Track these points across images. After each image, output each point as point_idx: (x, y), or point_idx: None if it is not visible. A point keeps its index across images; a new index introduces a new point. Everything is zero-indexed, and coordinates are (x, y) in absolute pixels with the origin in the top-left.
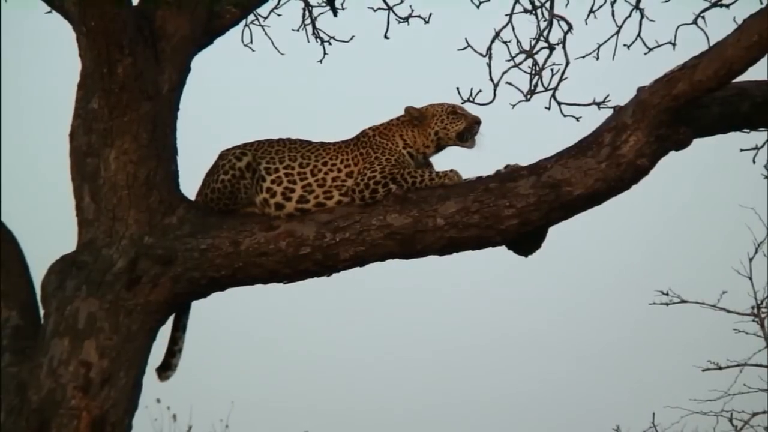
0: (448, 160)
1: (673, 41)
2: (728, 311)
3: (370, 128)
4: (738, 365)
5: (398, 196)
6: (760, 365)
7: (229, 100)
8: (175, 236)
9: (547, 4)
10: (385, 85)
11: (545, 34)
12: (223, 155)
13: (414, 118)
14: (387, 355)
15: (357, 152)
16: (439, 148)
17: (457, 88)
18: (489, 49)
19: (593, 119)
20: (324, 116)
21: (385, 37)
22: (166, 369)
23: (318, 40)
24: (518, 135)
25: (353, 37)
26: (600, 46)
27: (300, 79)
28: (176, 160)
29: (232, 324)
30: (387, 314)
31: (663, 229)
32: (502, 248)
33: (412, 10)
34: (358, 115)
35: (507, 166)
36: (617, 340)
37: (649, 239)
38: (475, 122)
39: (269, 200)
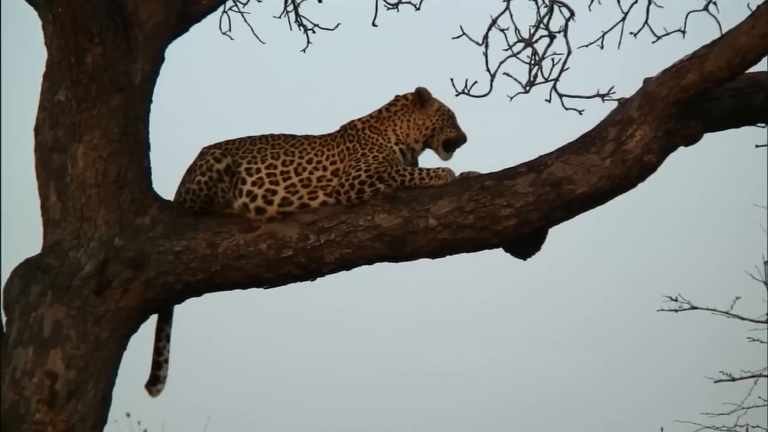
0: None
1: (682, 29)
2: (742, 318)
3: (359, 120)
4: (752, 376)
5: (387, 195)
6: None
7: (206, 92)
8: (148, 238)
9: None
10: (372, 77)
11: (545, 21)
12: (202, 154)
13: (422, 100)
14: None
15: (343, 146)
16: (425, 147)
17: (451, 79)
18: (485, 37)
19: (597, 112)
20: (308, 109)
21: (373, 24)
22: (155, 383)
23: (301, 27)
24: (516, 129)
25: (339, 24)
26: (604, 34)
27: (282, 70)
28: (149, 157)
29: (208, 334)
30: (373, 324)
31: (671, 229)
32: (499, 251)
33: None
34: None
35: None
36: (622, 350)
37: (656, 241)
38: (463, 139)
39: (249, 205)
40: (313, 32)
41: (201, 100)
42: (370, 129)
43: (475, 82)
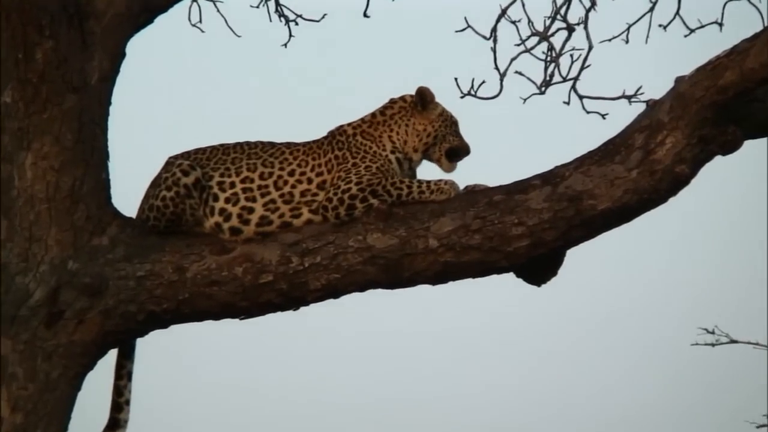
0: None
1: (719, 20)
2: None
3: (349, 125)
4: None
5: (381, 212)
6: None
7: (174, 93)
8: (106, 261)
9: None
10: (364, 75)
11: (563, 11)
12: (168, 164)
13: (424, 103)
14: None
15: (331, 155)
16: (425, 156)
17: (455, 79)
18: (494, 30)
19: (622, 116)
20: (290, 112)
21: (365, 15)
22: (114, 428)
23: (282, 19)
24: (530, 136)
25: (325, 15)
26: (630, 26)
27: (261, 67)
28: (108, 167)
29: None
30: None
31: (705, 251)
32: (510, 275)
33: None
34: (332, 110)
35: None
36: (652, 389)
37: (689, 264)
38: (467, 150)
39: (222, 224)
40: (296, 24)
41: (168, 102)
42: (363, 135)
43: (483, 82)
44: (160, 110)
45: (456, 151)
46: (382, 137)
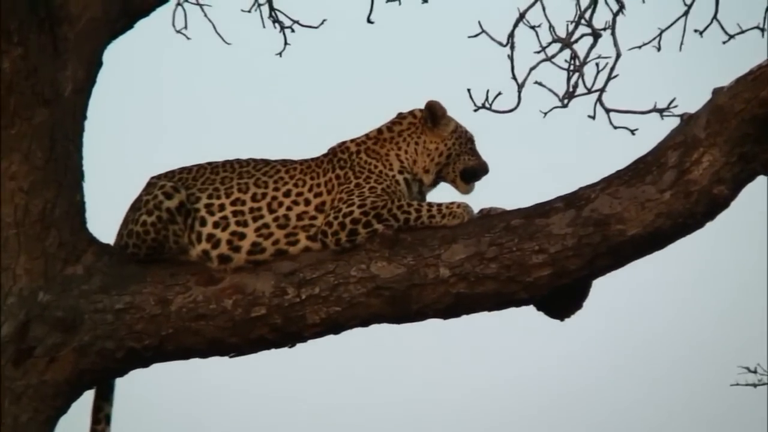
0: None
1: (761, 25)
2: None
3: (353, 141)
4: None
5: (387, 238)
6: None
7: (157, 106)
8: (81, 292)
9: None
10: (368, 87)
11: (587, 15)
12: (150, 185)
13: (434, 118)
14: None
15: (332, 174)
16: (438, 178)
17: (468, 90)
18: (511, 36)
19: (653, 132)
20: (286, 127)
21: (369, 21)
22: None
23: (277, 25)
24: (551, 153)
25: (324, 21)
26: (662, 32)
27: (253, 78)
28: (82, 188)
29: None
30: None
31: (746, 282)
32: (529, 309)
33: None
34: (332, 125)
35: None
36: None
37: (729, 296)
38: (485, 169)
39: (210, 252)
40: (292, 31)
41: (149, 116)
42: (367, 153)
43: (499, 94)
44: (140, 125)
45: (472, 172)
46: (389, 156)
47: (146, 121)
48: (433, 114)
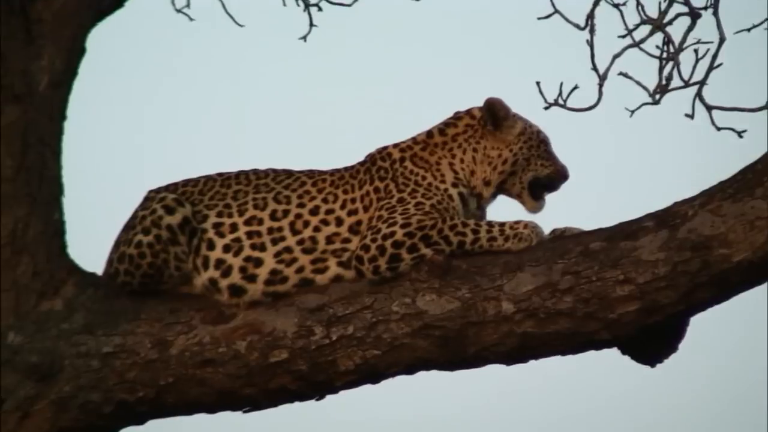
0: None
1: None
2: None
3: (395, 147)
4: None
5: (437, 265)
6: None
7: (155, 102)
8: (60, 332)
9: None
10: (410, 79)
11: None
12: (147, 200)
13: (496, 119)
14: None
15: (369, 187)
16: (499, 191)
17: (537, 83)
18: (590, 17)
19: (765, 134)
20: (313, 128)
21: None
22: None
23: (301, 3)
24: (639, 160)
25: None
26: None
27: (271, 66)
28: (62, 204)
29: None
30: None
31: None
32: (612, 352)
33: None
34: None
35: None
36: None
37: None
38: (564, 176)
39: (219, 282)
40: (319, 10)
41: (145, 114)
42: (414, 161)
43: (575, 88)
44: (134, 127)
45: (546, 182)
46: (441, 165)
47: (140, 120)
48: (494, 114)
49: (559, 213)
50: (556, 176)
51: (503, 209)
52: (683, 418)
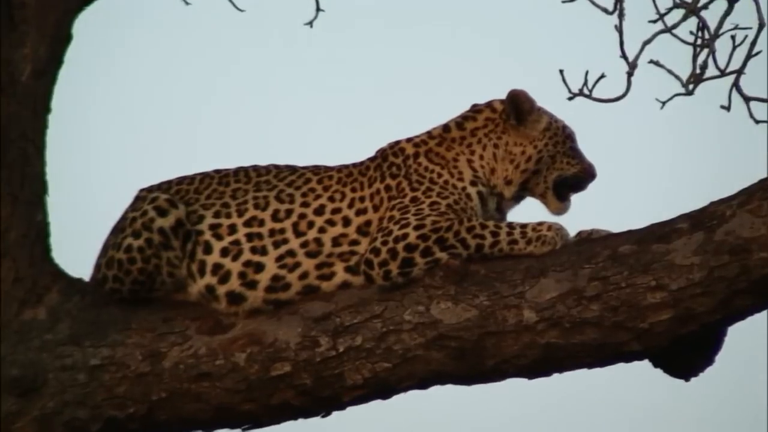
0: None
1: None
2: None
3: (409, 141)
4: None
5: (453, 270)
6: None
7: (147, 92)
8: (44, 343)
9: None
10: (424, 67)
11: None
12: (137, 200)
13: (519, 113)
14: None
15: (380, 185)
16: (522, 191)
17: (561, 72)
18: (619, 0)
19: None
20: (318, 121)
21: None
22: None
23: None
24: (671, 154)
25: None
26: None
27: (273, 55)
28: (46, 205)
29: None
30: None
31: None
32: (644, 365)
33: None
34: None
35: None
36: None
37: None
38: (591, 175)
39: (217, 289)
40: None
41: (136, 107)
42: (429, 157)
43: (602, 77)
44: (124, 120)
45: (572, 181)
46: (459, 161)
47: (132, 114)
48: (518, 108)
49: (585, 214)
50: (583, 175)
51: (524, 210)
52: None
